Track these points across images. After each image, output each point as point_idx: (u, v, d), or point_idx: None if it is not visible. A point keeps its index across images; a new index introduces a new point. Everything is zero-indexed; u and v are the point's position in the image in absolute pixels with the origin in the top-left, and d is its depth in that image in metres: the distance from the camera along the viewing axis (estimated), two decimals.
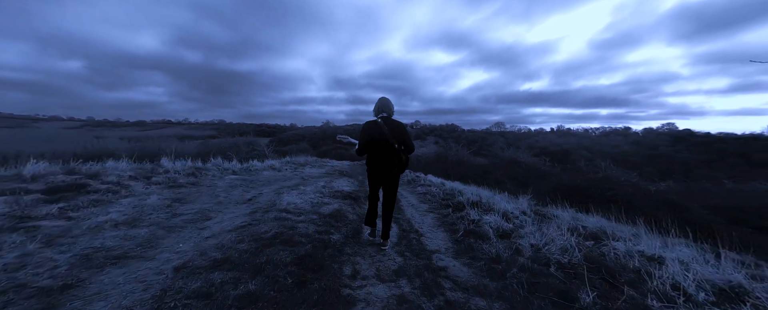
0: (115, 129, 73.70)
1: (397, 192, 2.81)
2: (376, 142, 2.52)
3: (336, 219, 3.38)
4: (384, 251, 2.67)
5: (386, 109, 2.63)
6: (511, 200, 6.18)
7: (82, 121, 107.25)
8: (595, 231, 3.75)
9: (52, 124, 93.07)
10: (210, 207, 3.60)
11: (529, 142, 47.82)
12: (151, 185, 4.25)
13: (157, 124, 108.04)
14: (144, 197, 3.66)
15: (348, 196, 4.87)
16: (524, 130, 70.26)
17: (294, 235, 2.58)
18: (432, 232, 3.52)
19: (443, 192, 6.31)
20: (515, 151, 21.26)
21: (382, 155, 2.54)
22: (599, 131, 60.12)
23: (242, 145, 21.97)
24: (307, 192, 4.62)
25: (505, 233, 3.21)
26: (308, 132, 58.33)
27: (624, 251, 2.82)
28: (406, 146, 2.58)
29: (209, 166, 6.69)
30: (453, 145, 21.91)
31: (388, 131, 2.48)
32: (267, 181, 5.90)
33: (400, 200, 5.41)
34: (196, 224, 2.96)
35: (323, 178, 7.71)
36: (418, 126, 72.22)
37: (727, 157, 33.03)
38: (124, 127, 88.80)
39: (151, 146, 24.54)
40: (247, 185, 5.09)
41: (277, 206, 3.61)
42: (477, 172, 22.64)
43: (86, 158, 5.85)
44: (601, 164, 15.35)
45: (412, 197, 6.04)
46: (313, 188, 5.15)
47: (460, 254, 2.77)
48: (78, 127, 79.74)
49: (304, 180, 6.79)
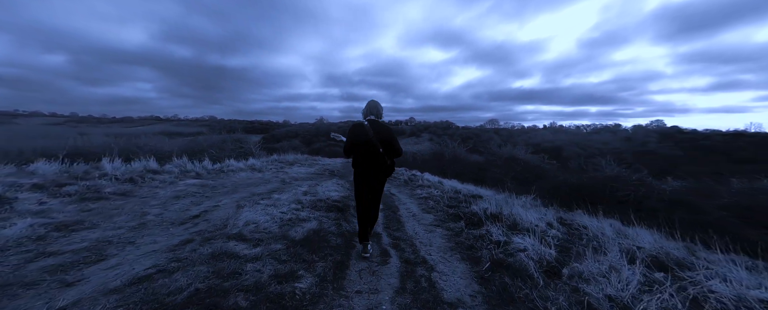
0: (101, 125, 71.22)
1: (396, 197, 3.22)
2: (362, 144, 2.51)
3: (311, 247, 2.39)
4: (367, 258, 2.51)
5: (375, 111, 2.65)
6: (528, 206, 5.29)
7: (65, 117, 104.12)
8: (655, 254, 2.86)
9: (31, 120, 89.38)
10: (119, 235, 2.51)
11: (523, 139, 47.60)
12: (55, 197, 3.13)
13: (144, 120, 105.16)
14: (18, 219, 2.53)
15: (334, 206, 3.88)
16: (518, 128, 70.34)
17: (229, 292, 1.57)
18: (445, 261, 2.55)
19: (447, 196, 5.37)
20: (512, 149, 20.55)
21: (367, 157, 2.52)
22: (590, 128, 60.50)
23: (228, 143, 20.61)
24: (281, 202, 3.60)
25: (552, 268, 2.26)
26: (302, 129, 57.41)
27: (734, 297, 1.91)
28: (393, 150, 2.57)
29: (169, 167, 5.56)
30: (449, 142, 21.06)
31: (374, 134, 2.48)
32: (235, 186, 4.83)
33: (399, 208, 4.46)
34: (63, 275, 1.84)
35: (308, 180, 6.69)
36: (413, 123, 71.47)
37: (711, 154, 33.54)
38: (110, 123, 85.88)
39: (128, 144, 22.84)
40: (203, 193, 4.02)
41: (228, 228, 2.58)
42: (473, 169, 21.92)
43: (48, 156, 4.74)
44: (601, 161, 14.67)
45: (412, 203, 5.07)
46: (292, 195, 4.13)
47: (495, 307, 1.82)
48: (61, 123, 76.90)
49: (284, 184, 5.74)
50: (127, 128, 60.57)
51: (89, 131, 37.53)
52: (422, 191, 6.41)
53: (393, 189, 7.06)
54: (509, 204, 4.97)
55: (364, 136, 2.47)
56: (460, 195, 5.78)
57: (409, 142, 57.53)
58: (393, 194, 6.02)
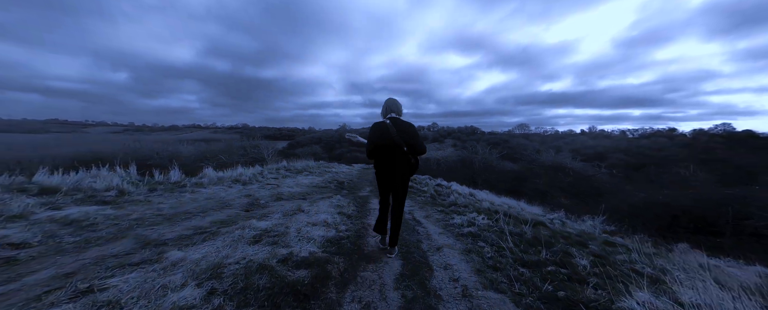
0: (152, 133, 77.69)
1: (422, 228, 3.00)
2: (385, 144, 2.35)
3: None
4: (391, 258, 2.44)
5: (395, 109, 2.50)
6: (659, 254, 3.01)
7: (124, 126, 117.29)
8: None
9: (98, 129, 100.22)
10: None
11: (559, 145, 43.10)
12: None
13: (188, 128, 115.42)
14: None
15: (315, 263, 2.00)
16: (551, 132, 65.22)
17: None
18: None
19: (509, 231, 3.26)
20: (555, 155, 17.57)
21: (391, 157, 2.37)
22: (638, 133, 54.13)
23: (238, 149, 19.77)
24: (171, 279, 1.76)
25: None
26: (325, 135, 58.20)
27: None
28: (416, 148, 2.40)
29: (73, 180, 3.96)
30: (479, 147, 18.54)
31: (396, 132, 2.33)
32: (150, 220, 3.03)
33: (431, 265, 2.45)
34: None
35: (300, 199, 4.89)
36: (436, 128, 68.89)
37: None
38: (160, 131, 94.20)
39: (146, 149, 22.91)
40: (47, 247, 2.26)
41: None
42: (508, 179, 19.13)
43: None
44: (684, 172, 11.51)
45: (451, 245, 2.98)
46: (227, 243, 2.28)
47: None
48: (120, 131, 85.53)
49: (247, 210, 3.93)
50: (173, 135, 64.42)
51: (143, 138, 39.46)
52: (460, 217, 4.30)
53: (417, 210, 5.02)
54: None
55: (387, 135, 2.32)
56: (525, 227, 3.62)
57: (431, 148, 54.85)
58: (417, 222, 4.00)
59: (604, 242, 3.92)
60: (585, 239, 3.88)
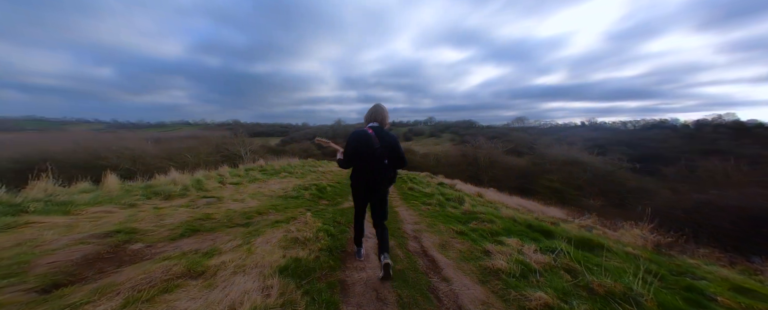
0: (137, 131, 74.43)
1: (442, 271, 2.28)
2: (364, 156, 2.14)
3: None
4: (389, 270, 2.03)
5: (379, 117, 2.29)
6: None
7: (106, 124, 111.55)
8: None
9: (77, 127, 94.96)
10: None
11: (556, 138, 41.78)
12: None
13: (175, 125, 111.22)
14: None
15: None
16: (550, 125, 64.05)
17: None
18: None
19: None
20: (568, 149, 16.00)
21: (370, 171, 2.18)
22: (640, 125, 53.10)
23: (209, 147, 17.54)
24: None
25: None
26: (319, 131, 56.63)
27: None
28: (398, 162, 2.23)
29: None
30: (483, 142, 16.89)
31: (379, 144, 2.12)
32: None
33: None
34: None
35: (234, 226, 3.14)
36: (432, 123, 67.26)
37: None
38: (146, 129, 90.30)
39: (103, 150, 20.64)
40: None
41: None
42: (515, 175, 17.56)
43: None
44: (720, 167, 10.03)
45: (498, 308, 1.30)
46: None
47: None
48: (101, 130, 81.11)
49: None
50: (160, 133, 61.51)
51: (127, 136, 36.19)
52: (493, 245, 2.61)
53: (425, 232, 3.32)
54: None
55: (367, 146, 2.11)
56: (579, 266, 1.96)
57: (428, 143, 53.16)
58: (433, 264, 2.30)
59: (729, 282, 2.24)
60: (691, 272, 2.20)
